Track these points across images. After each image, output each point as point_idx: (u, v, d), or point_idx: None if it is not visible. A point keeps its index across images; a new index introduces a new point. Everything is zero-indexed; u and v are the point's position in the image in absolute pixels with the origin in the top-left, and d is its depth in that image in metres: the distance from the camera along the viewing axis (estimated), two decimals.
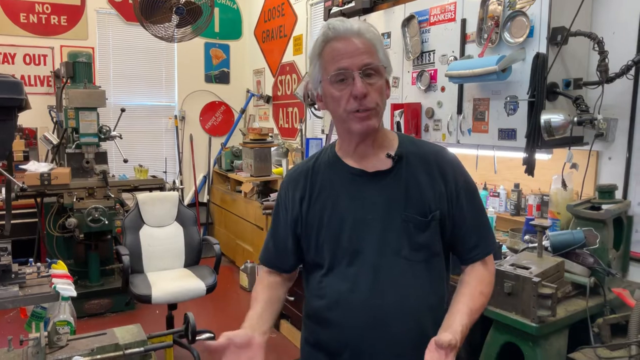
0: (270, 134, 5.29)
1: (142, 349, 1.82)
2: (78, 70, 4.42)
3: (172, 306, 3.50)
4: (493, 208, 2.93)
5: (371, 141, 1.33)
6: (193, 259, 3.70)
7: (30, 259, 2.46)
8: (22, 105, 2.22)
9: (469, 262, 1.38)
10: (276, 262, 1.47)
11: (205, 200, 6.27)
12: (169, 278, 3.41)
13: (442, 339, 1.10)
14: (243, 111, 6.24)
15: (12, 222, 4.59)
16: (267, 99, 5.93)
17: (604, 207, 2.16)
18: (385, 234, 1.29)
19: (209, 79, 6.31)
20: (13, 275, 2.17)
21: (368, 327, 1.27)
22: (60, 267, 2.28)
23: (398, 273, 1.28)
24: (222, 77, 6.38)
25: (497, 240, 1.46)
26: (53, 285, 2.10)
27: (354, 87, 1.22)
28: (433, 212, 1.30)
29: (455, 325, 1.20)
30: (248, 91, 6.27)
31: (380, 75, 1.26)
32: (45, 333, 1.77)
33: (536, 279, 1.81)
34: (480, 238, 1.37)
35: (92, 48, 5.46)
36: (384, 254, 1.28)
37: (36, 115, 5.13)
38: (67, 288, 2.07)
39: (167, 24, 3.58)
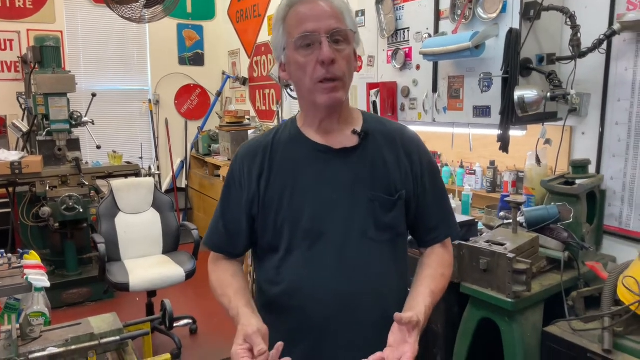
0: (247, 117, 5.23)
1: (117, 337, 1.79)
2: (46, 54, 4.28)
3: (152, 293, 3.48)
4: (469, 186, 2.95)
5: (337, 116, 1.26)
6: (171, 245, 3.66)
7: (2, 250, 2.39)
8: None
9: (429, 244, 1.37)
10: (227, 246, 1.35)
11: (183, 186, 6.20)
12: (146, 265, 3.37)
13: (403, 316, 1.08)
14: (219, 94, 6.15)
15: None
16: (244, 81, 5.85)
17: (577, 182, 2.18)
18: (351, 214, 1.23)
19: (182, 61, 6.18)
20: None
21: (333, 311, 1.22)
22: (32, 258, 2.23)
23: (364, 254, 1.24)
24: (197, 59, 6.26)
25: (457, 224, 1.44)
26: (25, 276, 2.05)
27: (321, 51, 1.14)
28: (399, 191, 1.27)
29: (418, 306, 1.18)
30: (224, 73, 6.17)
31: (348, 42, 1.20)
32: (18, 325, 1.73)
33: (511, 255, 1.82)
34: (442, 220, 1.36)
35: (61, 32, 5.30)
36: (349, 235, 1.23)
37: (4, 103, 4.99)
38: (39, 279, 2.02)
39: (134, 4, 3.48)
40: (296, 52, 1.18)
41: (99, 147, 4.55)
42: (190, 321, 3.72)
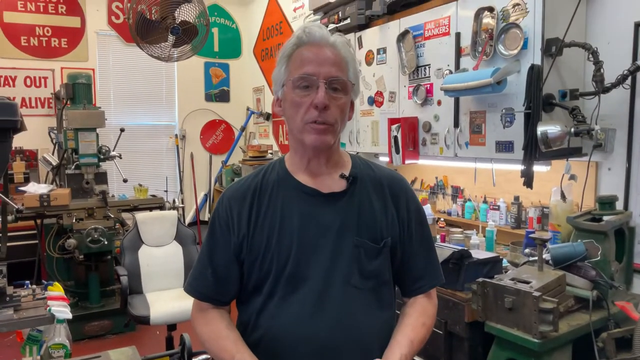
0: (269, 151, 5.29)
1: None
2: (78, 91, 4.44)
3: (172, 327, 3.46)
4: (493, 221, 2.90)
5: (325, 159, 1.25)
6: None
7: (27, 282, 2.43)
8: (18, 127, 2.22)
9: (413, 294, 1.33)
10: (216, 294, 1.28)
11: (207, 219, 6.24)
12: (168, 298, 3.37)
13: None
14: (243, 129, 6.25)
15: (12, 244, 4.59)
16: (267, 116, 5.94)
17: (604, 218, 2.13)
18: (335, 260, 1.20)
19: (209, 97, 6.33)
20: (8, 298, 2.15)
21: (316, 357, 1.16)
22: (56, 289, 2.26)
23: (346, 302, 1.20)
24: (222, 96, 6.41)
25: (442, 271, 1.39)
26: (48, 308, 2.07)
27: (316, 95, 1.15)
28: (385, 238, 1.25)
29: (394, 356, 1.15)
30: (248, 109, 6.28)
31: (346, 92, 1.20)
32: (39, 357, 1.74)
33: (537, 294, 1.77)
34: (427, 270, 1.33)
35: (93, 69, 5.50)
36: (332, 281, 1.20)
37: (37, 137, 5.15)
38: (62, 310, 2.04)
39: (163, 43, 3.60)
40: (293, 90, 1.19)
41: (125, 181, 4.64)
42: (209, 357, 3.69)
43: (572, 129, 2.11)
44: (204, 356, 3.65)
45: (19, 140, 4.88)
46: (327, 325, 1.18)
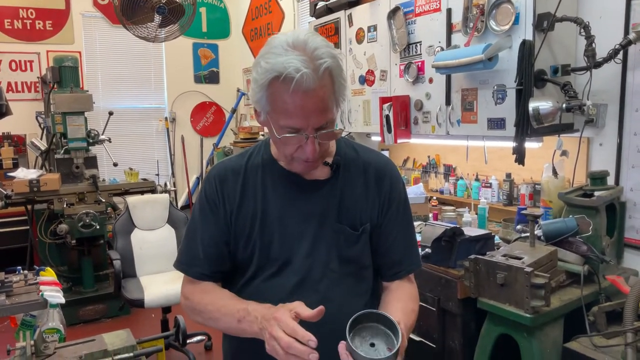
0: (261, 133, 5.25)
1: (131, 354, 1.78)
2: (64, 74, 4.36)
3: (166, 309, 3.48)
4: (485, 199, 2.91)
5: None
6: None
7: (19, 267, 2.41)
8: (3, 111, 2.18)
9: (391, 279, 1.31)
10: (208, 271, 1.26)
11: None
12: (161, 281, 3.38)
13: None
14: (234, 111, 6.19)
15: (3, 230, 4.57)
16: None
17: (596, 193, 2.14)
18: (316, 246, 1.22)
19: (198, 79, 6.26)
20: None
21: None
22: (48, 274, 2.24)
23: (326, 287, 1.21)
24: (212, 77, 6.33)
25: (420, 256, 1.39)
26: (41, 293, 2.06)
27: (306, 148, 1.11)
28: (364, 224, 1.25)
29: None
30: (238, 90, 6.22)
31: (333, 122, 1.13)
32: (32, 342, 1.73)
33: (529, 269, 1.78)
34: (406, 254, 1.32)
35: (79, 52, 5.41)
36: (313, 266, 1.21)
37: (24, 122, 5.08)
38: (55, 295, 2.03)
39: (149, 24, 3.53)
40: (280, 129, 1.10)
41: (115, 165, 4.60)
42: (205, 337, 3.71)
43: (564, 105, 2.10)
44: (199, 337, 3.67)
45: (6, 126, 4.81)
46: (307, 303, 1.13)
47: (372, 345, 1.01)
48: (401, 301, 1.25)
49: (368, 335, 1.02)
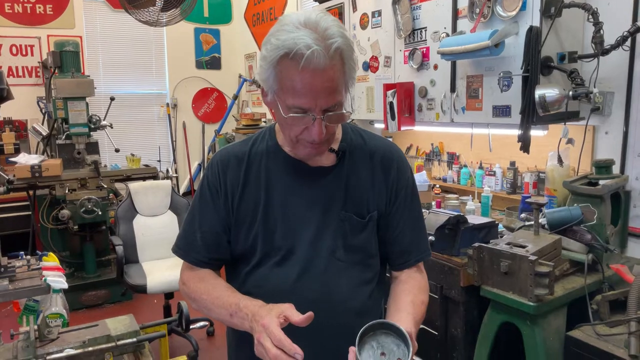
0: (263, 119, 5.23)
1: (134, 339, 1.78)
2: (65, 59, 4.33)
3: (169, 295, 3.49)
4: (489, 187, 2.90)
5: None
6: None
7: (21, 252, 2.42)
8: (4, 95, 2.16)
9: (400, 268, 1.29)
10: (205, 258, 1.25)
11: None
12: (164, 267, 3.38)
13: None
14: (236, 97, 6.16)
15: (5, 215, 4.57)
16: (260, 84, 5.86)
17: (601, 182, 2.13)
18: (320, 234, 1.19)
19: (200, 65, 6.22)
20: (2, 269, 2.14)
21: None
22: (51, 260, 2.24)
23: (330, 275, 1.19)
24: (214, 63, 6.29)
25: (429, 245, 1.36)
26: (44, 278, 2.06)
27: (312, 130, 1.08)
28: (371, 212, 1.22)
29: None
30: (240, 76, 6.18)
31: (341, 105, 1.11)
32: (35, 326, 1.74)
33: (533, 257, 1.77)
34: (415, 243, 1.29)
35: (80, 37, 5.37)
36: (317, 255, 1.19)
37: (25, 107, 5.06)
38: (57, 280, 2.03)
39: (151, 8, 3.50)
40: (287, 109, 1.08)
41: (117, 151, 4.60)
42: (207, 323, 3.72)
43: (571, 92, 2.08)
44: (202, 323, 3.69)
45: (7, 111, 4.79)
46: (311, 291, 1.16)
47: (383, 354, 1.01)
48: (411, 294, 1.22)
49: (378, 344, 1.02)
